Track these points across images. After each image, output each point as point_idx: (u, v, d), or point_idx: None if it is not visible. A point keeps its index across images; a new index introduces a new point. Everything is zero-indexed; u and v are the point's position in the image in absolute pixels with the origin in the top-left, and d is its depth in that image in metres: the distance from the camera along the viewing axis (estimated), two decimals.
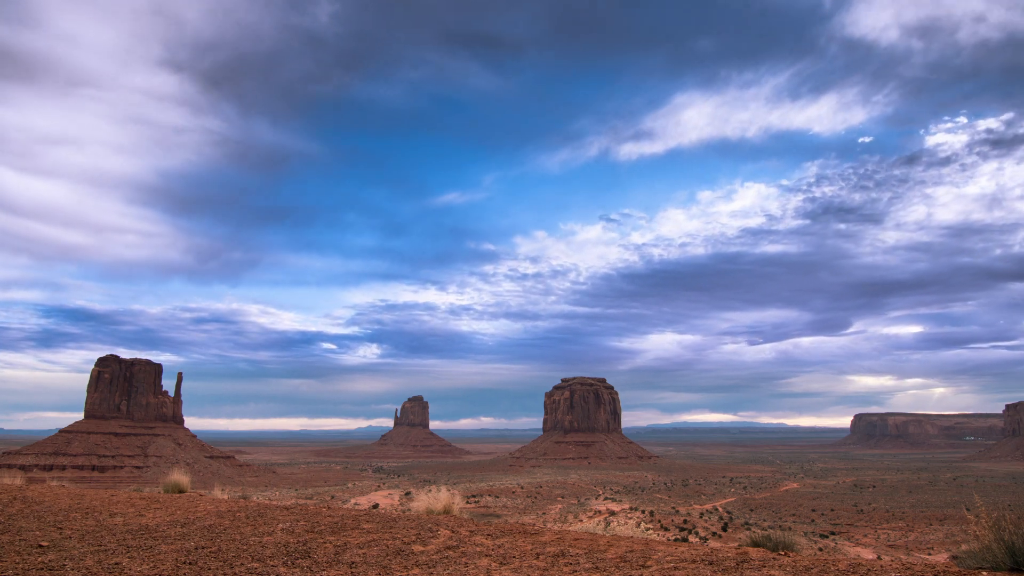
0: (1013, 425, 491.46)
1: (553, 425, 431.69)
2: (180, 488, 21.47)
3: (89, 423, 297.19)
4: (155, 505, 16.96)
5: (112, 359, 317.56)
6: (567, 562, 10.23)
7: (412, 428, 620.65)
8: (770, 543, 11.72)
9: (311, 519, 14.63)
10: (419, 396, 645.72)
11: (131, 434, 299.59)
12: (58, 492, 20.17)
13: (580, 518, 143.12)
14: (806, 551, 12.31)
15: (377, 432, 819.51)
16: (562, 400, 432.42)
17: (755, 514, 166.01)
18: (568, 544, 11.59)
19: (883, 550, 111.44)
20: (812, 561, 9.67)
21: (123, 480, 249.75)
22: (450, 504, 16.16)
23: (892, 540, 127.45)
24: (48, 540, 12.47)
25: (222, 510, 16.07)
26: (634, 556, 10.46)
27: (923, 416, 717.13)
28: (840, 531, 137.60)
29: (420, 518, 14.96)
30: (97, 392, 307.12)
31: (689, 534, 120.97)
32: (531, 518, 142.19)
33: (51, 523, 14.30)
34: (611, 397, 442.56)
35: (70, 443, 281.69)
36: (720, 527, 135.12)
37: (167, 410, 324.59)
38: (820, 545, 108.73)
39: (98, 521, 14.57)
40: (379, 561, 10.68)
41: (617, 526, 17.54)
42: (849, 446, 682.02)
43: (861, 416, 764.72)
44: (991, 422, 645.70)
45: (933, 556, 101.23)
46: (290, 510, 16.22)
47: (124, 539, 12.59)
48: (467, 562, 10.49)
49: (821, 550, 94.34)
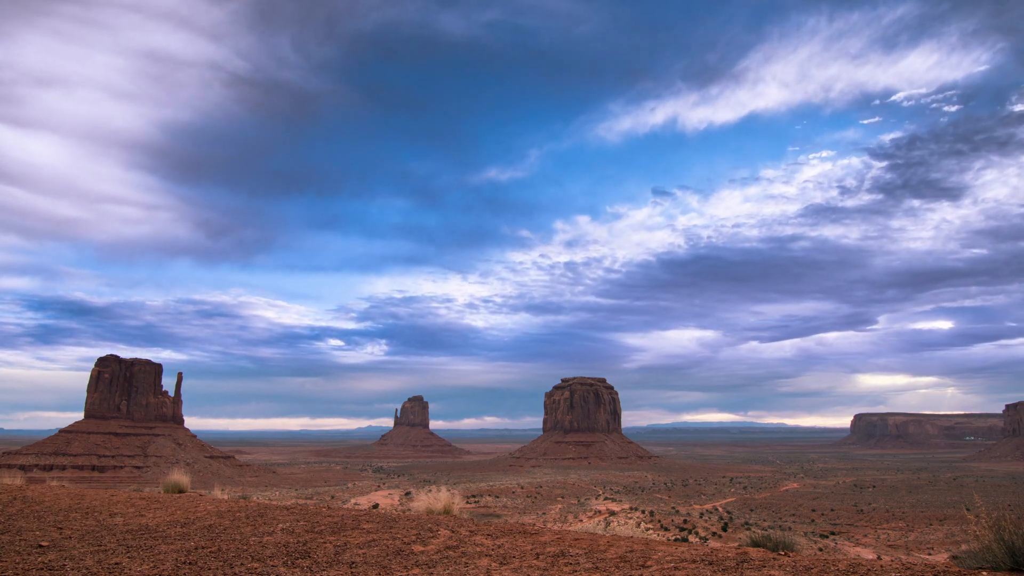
0: (1013, 425, 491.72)
1: (553, 425, 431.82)
2: (180, 488, 21.47)
3: (89, 423, 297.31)
4: (155, 505, 16.96)
5: (112, 359, 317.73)
6: (567, 562, 10.23)
7: (412, 428, 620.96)
8: (770, 543, 11.72)
9: (311, 519, 14.63)
10: (419, 396, 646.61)
11: (131, 434, 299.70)
12: (58, 492, 20.17)
13: (580, 518, 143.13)
14: (806, 551, 12.31)
15: (377, 432, 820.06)
16: (562, 400, 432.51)
17: (755, 514, 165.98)
18: (568, 544, 11.59)
19: (883, 550, 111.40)
20: (812, 561, 9.67)
21: (123, 480, 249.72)
22: (450, 504, 16.16)
23: (892, 540, 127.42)
24: (48, 540, 12.47)
25: (222, 510, 16.07)
26: (634, 556, 10.46)
27: (923, 416, 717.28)
28: (840, 531, 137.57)
29: (420, 518, 14.96)
30: (97, 392, 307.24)
31: (689, 534, 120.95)
32: (531, 518, 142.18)
33: (51, 523, 14.30)
34: (611, 397, 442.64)
35: (70, 443, 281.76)
36: (720, 527, 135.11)
37: (167, 410, 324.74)
38: (820, 545, 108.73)
39: (98, 521, 14.57)
40: (379, 561, 10.68)
41: (617, 526, 17.56)
42: (849, 446, 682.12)
43: (861, 416, 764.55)
44: (991, 422, 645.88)
45: (933, 556, 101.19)
46: (290, 510, 16.22)
47: (124, 539, 12.59)
48: (467, 562, 10.49)
49: (821, 550, 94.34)
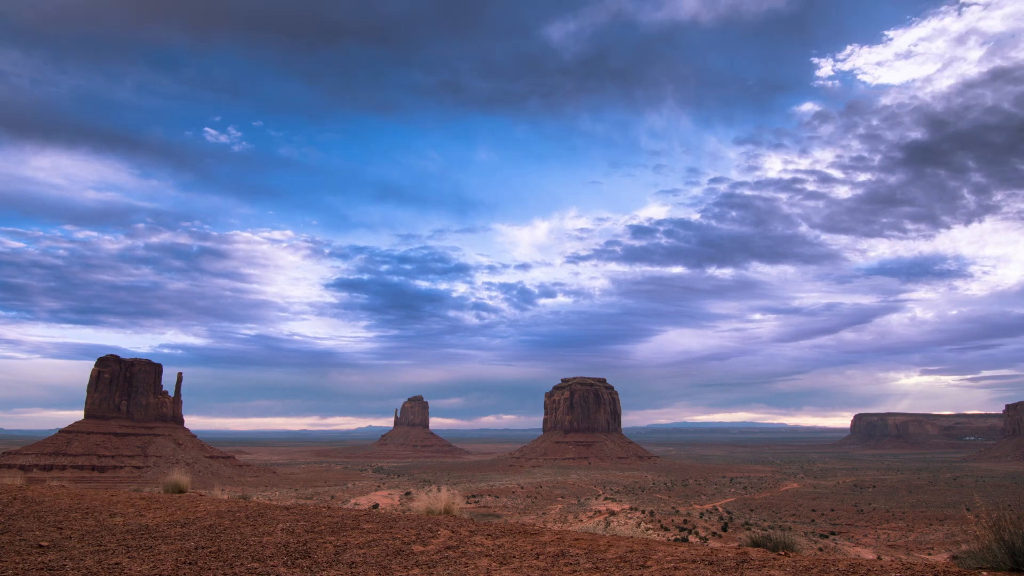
0: (1013, 425, 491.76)
1: (553, 425, 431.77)
2: (180, 488, 21.46)
3: (89, 423, 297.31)
4: (155, 505, 16.95)
5: (112, 359, 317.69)
6: (567, 562, 10.23)
7: (412, 428, 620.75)
8: (770, 543, 11.72)
9: (311, 519, 14.63)
10: (419, 396, 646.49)
11: (131, 434, 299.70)
12: (58, 492, 20.16)
13: (580, 518, 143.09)
14: (806, 551, 12.32)
15: (377, 432, 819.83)
16: (562, 400, 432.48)
17: (755, 514, 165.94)
18: (568, 544, 11.58)
19: (883, 550, 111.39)
20: (812, 561, 9.66)
21: (123, 480, 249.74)
22: (450, 504, 16.16)
23: (892, 540, 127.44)
24: (48, 540, 12.46)
25: (222, 510, 16.06)
26: (634, 556, 10.45)
27: (923, 416, 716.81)
28: (840, 531, 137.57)
29: (420, 518, 14.95)
30: (97, 392, 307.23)
31: (689, 534, 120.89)
32: (531, 518, 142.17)
33: (51, 523, 14.30)
34: (611, 397, 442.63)
35: (70, 443, 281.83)
36: (720, 527, 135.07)
37: (167, 410, 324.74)
38: (820, 545, 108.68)
39: (98, 521, 14.57)
40: (379, 561, 10.68)
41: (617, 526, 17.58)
42: (849, 446, 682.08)
43: (861, 416, 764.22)
44: (991, 422, 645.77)
45: (933, 556, 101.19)
46: (290, 510, 16.21)
47: (124, 539, 12.58)
48: (467, 562, 10.49)
49: (821, 550, 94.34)
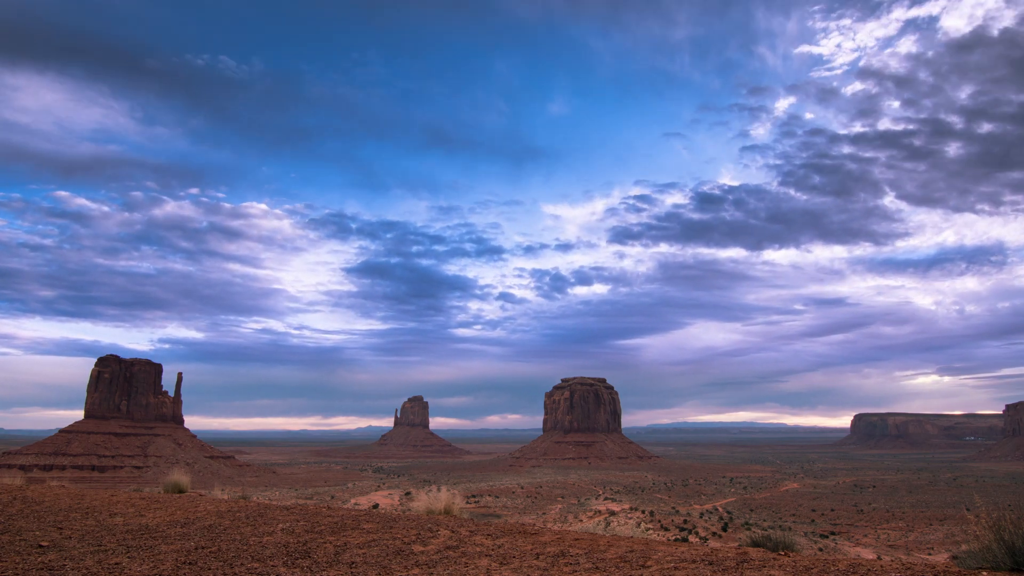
0: (1013, 425, 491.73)
1: (553, 425, 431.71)
2: (180, 488, 21.46)
3: (89, 423, 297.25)
4: (155, 505, 16.95)
5: (112, 359, 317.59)
6: (567, 562, 10.22)
7: (412, 428, 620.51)
8: (770, 543, 11.71)
9: (311, 519, 14.62)
10: (419, 396, 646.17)
11: (131, 434, 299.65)
12: (58, 492, 20.16)
13: (580, 518, 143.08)
14: (806, 551, 12.32)
15: (377, 432, 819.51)
16: (562, 400, 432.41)
17: (755, 514, 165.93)
18: (568, 544, 11.58)
19: (883, 550, 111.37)
20: (812, 561, 9.66)
21: (123, 480, 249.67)
22: (450, 504, 16.15)
23: (892, 540, 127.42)
24: (48, 540, 12.46)
25: (222, 510, 16.06)
26: (634, 556, 10.45)
27: (923, 416, 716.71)
28: (840, 531, 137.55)
29: (420, 518, 14.95)
30: (97, 392, 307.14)
31: (689, 534, 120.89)
32: (531, 518, 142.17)
33: (51, 523, 14.29)
34: (611, 397, 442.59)
35: (70, 443, 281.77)
36: (720, 527, 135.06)
37: (167, 410, 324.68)
38: (820, 545, 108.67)
39: (98, 521, 14.57)
40: (379, 561, 10.68)
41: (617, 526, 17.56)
42: (849, 446, 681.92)
43: (861, 416, 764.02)
44: (991, 422, 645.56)
45: (933, 556, 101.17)
46: (290, 510, 16.21)
47: (124, 539, 12.58)
48: (467, 562, 10.48)
49: (821, 550, 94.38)
